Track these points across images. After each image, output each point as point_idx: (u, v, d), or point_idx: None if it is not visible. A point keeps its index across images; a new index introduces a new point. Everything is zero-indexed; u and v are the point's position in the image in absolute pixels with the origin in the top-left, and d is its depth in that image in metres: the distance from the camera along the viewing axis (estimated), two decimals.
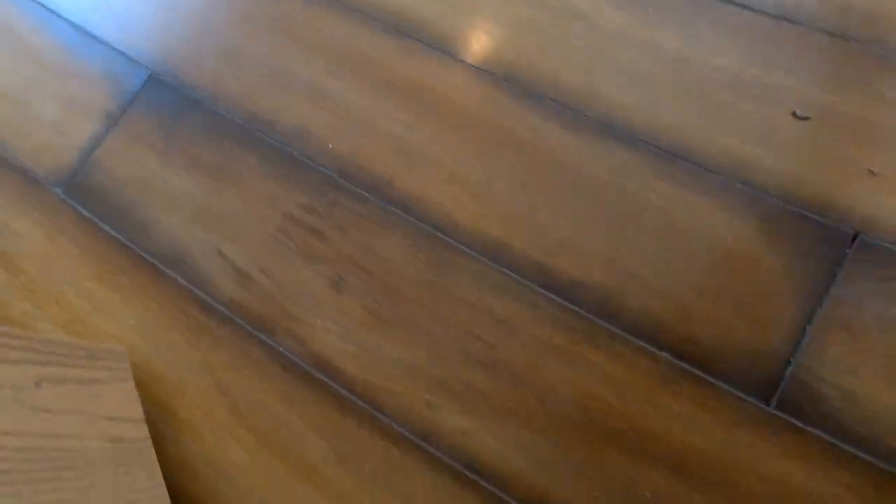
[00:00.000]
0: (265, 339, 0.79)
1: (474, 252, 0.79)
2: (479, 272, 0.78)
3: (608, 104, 0.84)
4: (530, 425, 0.71)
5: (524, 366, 0.73)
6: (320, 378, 0.76)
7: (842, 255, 0.73)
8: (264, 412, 0.76)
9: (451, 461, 0.71)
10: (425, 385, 0.74)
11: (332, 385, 0.76)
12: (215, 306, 0.81)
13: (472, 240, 0.80)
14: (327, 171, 0.86)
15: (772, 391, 0.69)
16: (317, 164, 0.87)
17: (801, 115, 0.80)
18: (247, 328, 0.80)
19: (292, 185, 0.86)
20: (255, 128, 0.90)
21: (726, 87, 0.83)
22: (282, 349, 0.78)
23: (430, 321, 0.77)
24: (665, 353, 0.72)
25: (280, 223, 0.84)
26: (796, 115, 0.81)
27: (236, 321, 0.80)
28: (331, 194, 0.85)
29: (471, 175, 0.83)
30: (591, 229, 0.79)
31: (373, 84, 0.91)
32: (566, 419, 0.71)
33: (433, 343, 0.76)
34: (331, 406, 0.75)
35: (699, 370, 0.71)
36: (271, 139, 0.89)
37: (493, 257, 0.79)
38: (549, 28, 0.90)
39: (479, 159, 0.84)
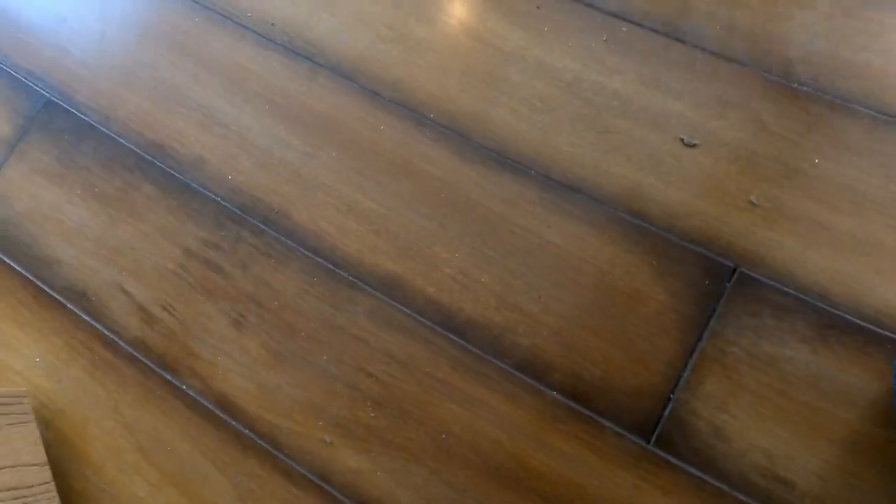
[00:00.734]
0: (169, 378, 0.74)
1: (370, 287, 0.74)
2: (374, 308, 0.73)
3: (502, 130, 0.78)
4: (423, 464, 0.68)
5: (417, 404, 0.70)
6: (223, 417, 0.72)
7: (722, 288, 0.70)
8: (169, 450, 0.72)
9: (346, 499, 0.68)
10: (322, 423, 0.71)
11: (234, 424, 0.72)
12: (119, 343, 0.75)
13: (368, 275, 0.75)
14: (227, 203, 0.79)
15: (652, 428, 0.67)
16: (215, 196, 0.79)
17: (688, 143, 0.75)
18: (151, 366, 0.75)
19: (191, 217, 0.79)
20: (151, 154, 0.82)
21: (619, 113, 0.77)
22: (185, 387, 0.73)
23: (325, 358, 0.72)
24: (555, 392, 0.69)
25: (180, 258, 0.78)
26: (684, 142, 0.75)
27: (140, 359, 0.75)
28: (232, 229, 0.78)
29: (367, 206, 0.77)
30: (484, 264, 0.74)
31: (267, 108, 0.82)
32: (458, 458, 0.68)
33: (329, 380, 0.72)
34: (233, 445, 0.71)
35: (586, 408, 0.68)
36: (167, 167, 0.81)
37: (389, 293, 0.74)
38: (443, 49, 0.81)
39: (376, 189, 0.77)
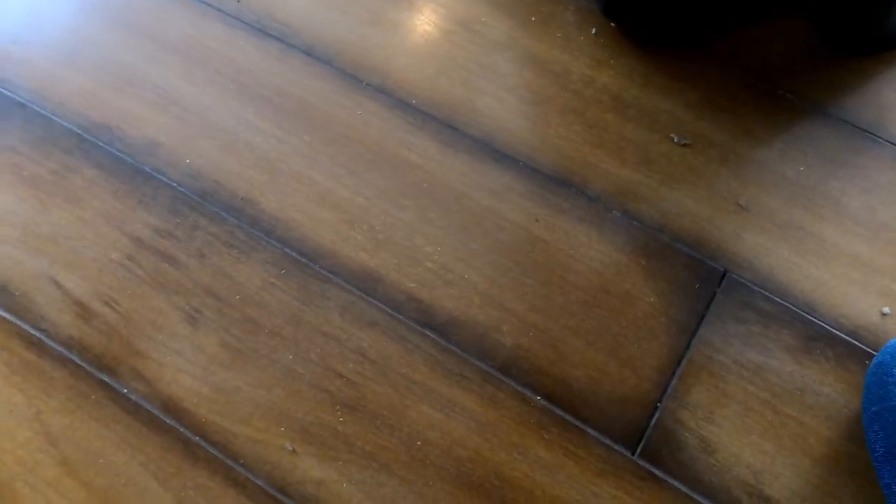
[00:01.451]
0: (107, 380, 0.61)
1: (343, 282, 0.64)
2: (347, 304, 0.63)
3: (490, 121, 0.69)
4: (394, 474, 0.58)
5: (391, 407, 0.60)
6: (169, 423, 0.60)
7: (711, 293, 0.63)
8: (101, 463, 0.59)
9: None
10: (284, 429, 0.60)
11: (182, 430, 0.60)
12: (46, 342, 0.62)
13: (341, 268, 0.64)
14: (184, 189, 0.67)
15: (638, 438, 0.59)
16: (170, 181, 0.67)
17: (679, 142, 0.68)
18: (85, 367, 0.61)
19: (142, 204, 0.66)
20: (95, 136, 0.69)
21: (609, 107, 0.69)
22: (126, 391, 0.61)
23: (291, 357, 0.61)
24: (539, 398, 0.61)
25: (127, 248, 0.65)
26: (675, 141, 0.68)
27: (72, 359, 0.61)
28: (189, 216, 0.66)
29: (342, 195, 0.66)
30: (469, 259, 0.65)
31: (232, 88, 0.71)
32: (433, 467, 0.58)
33: (294, 381, 0.61)
34: (179, 454, 0.59)
35: (570, 416, 0.60)
36: (115, 150, 0.68)
37: (364, 288, 0.63)
38: (427, 35, 0.72)
39: (351, 177, 0.67)
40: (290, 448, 0.59)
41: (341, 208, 0.66)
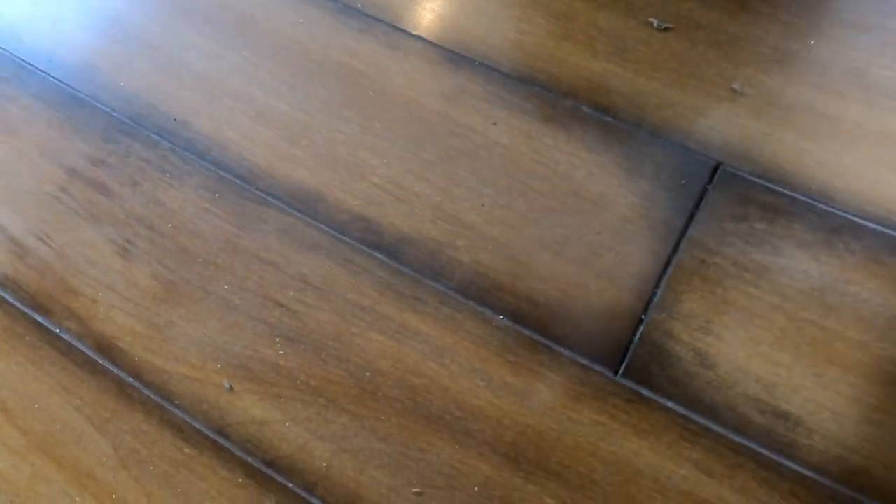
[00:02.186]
0: (41, 320, 0.53)
1: (281, 203, 0.54)
2: (287, 227, 0.53)
3: (440, 20, 0.58)
4: (343, 409, 0.48)
5: (337, 337, 0.50)
6: (103, 364, 0.51)
7: (702, 189, 0.50)
8: (37, 408, 0.51)
9: (248, 456, 0.48)
10: (221, 366, 0.50)
11: (116, 371, 0.51)
12: None
13: (279, 189, 0.54)
14: (118, 114, 0.58)
15: (620, 356, 0.47)
16: (105, 106, 0.59)
17: (659, 26, 0.55)
18: (20, 308, 0.54)
19: (77, 132, 0.58)
20: (28, 62, 0.61)
21: None
22: (59, 331, 0.53)
23: (226, 287, 0.52)
24: (501, 317, 0.49)
25: (62, 179, 0.57)
26: (655, 26, 0.55)
27: (7, 299, 0.54)
28: (122, 142, 0.57)
29: (281, 110, 0.57)
30: (420, 171, 0.54)
31: (171, 6, 0.62)
32: (386, 400, 0.48)
33: (230, 313, 0.51)
34: (114, 397, 0.51)
35: (539, 335, 0.48)
36: (52, 77, 0.61)
37: (305, 209, 0.54)
38: None
39: (292, 92, 0.57)
40: (227, 386, 0.49)
41: (280, 125, 0.56)
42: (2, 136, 0.59)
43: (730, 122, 0.51)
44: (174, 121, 0.57)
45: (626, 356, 0.47)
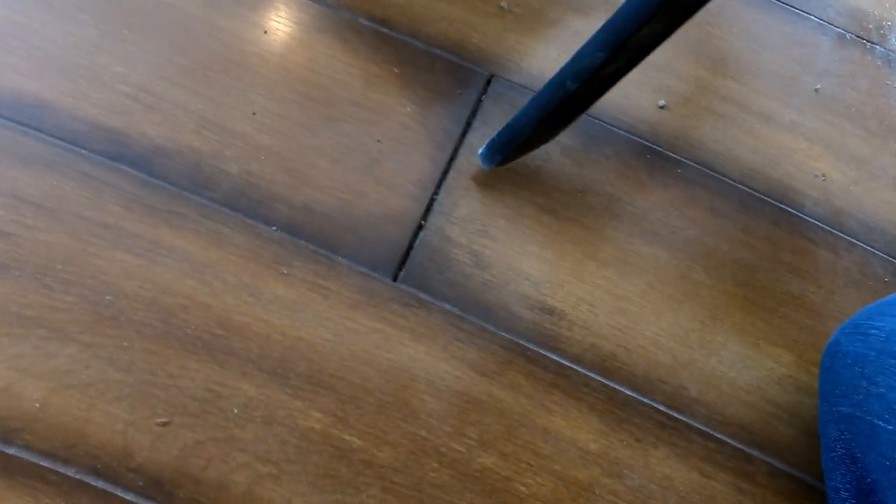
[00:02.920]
0: None
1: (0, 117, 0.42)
2: (5, 143, 0.41)
3: None
4: (71, 339, 0.38)
5: (68, 260, 0.39)
6: None
7: (477, 99, 0.48)
8: None
9: None
10: None
11: None
12: None
13: None
14: None
15: (399, 262, 0.43)
16: None
17: None
18: None
19: None
20: None
21: None
22: None
23: None
24: (275, 228, 0.42)
25: None
26: None
27: None
28: None
29: (0, 15, 0.44)
30: (177, 78, 0.45)
31: None
32: (129, 323, 0.39)
33: None
34: None
35: (316, 245, 0.42)
36: None
37: (26, 120, 0.42)
38: None
39: None
40: None
41: None
42: None
43: (499, 37, 0.49)
44: None
45: (405, 262, 0.43)
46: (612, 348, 0.43)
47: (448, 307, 0.42)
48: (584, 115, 0.48)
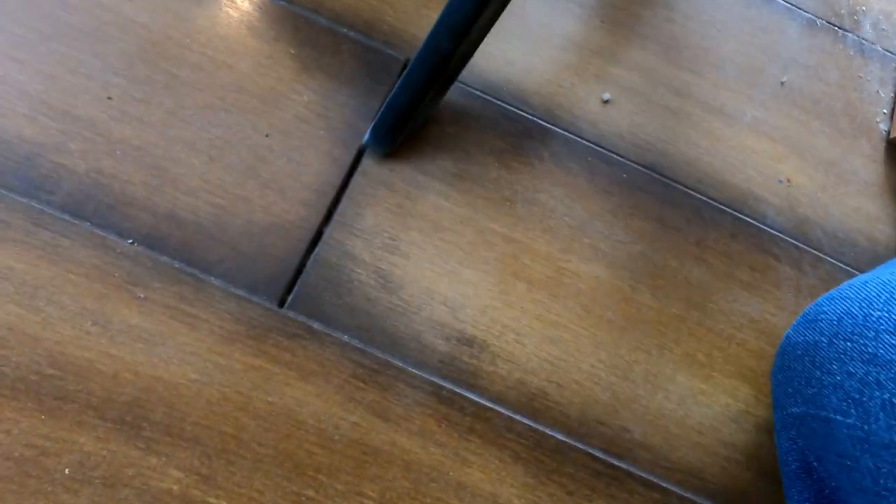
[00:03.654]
0: None
1: None
2: None
3: None
4: None
5: None
6: None
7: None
8: None
9: None
10: None
11: None
12: None
13: None
14: None
15: (288, 284, 0.36)
16: None
17: None
18: None
19: None
20: None
21: None
22: None
23: None
24: (131, 241, 0.35)
25: None
26: None
27: None
28: None
29: None
30: (9, 49, 0.37)
31: None
32: None
33: None
34: None
35: (182, 263, 0.35)
36: None
37: None
38: None
39: None
40: None
41: None
42: None
43: (418, 15, 0.43)
44: None
45: (295, 284, 0.36)
46: (541, 385, 0.37)
47: (346, 338, 0.35)
48: (516, 111, 0.42)
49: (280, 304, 0.35)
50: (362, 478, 0.33)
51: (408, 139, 0.39)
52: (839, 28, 0.49)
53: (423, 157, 0.40)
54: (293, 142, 0.38)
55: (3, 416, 0.30)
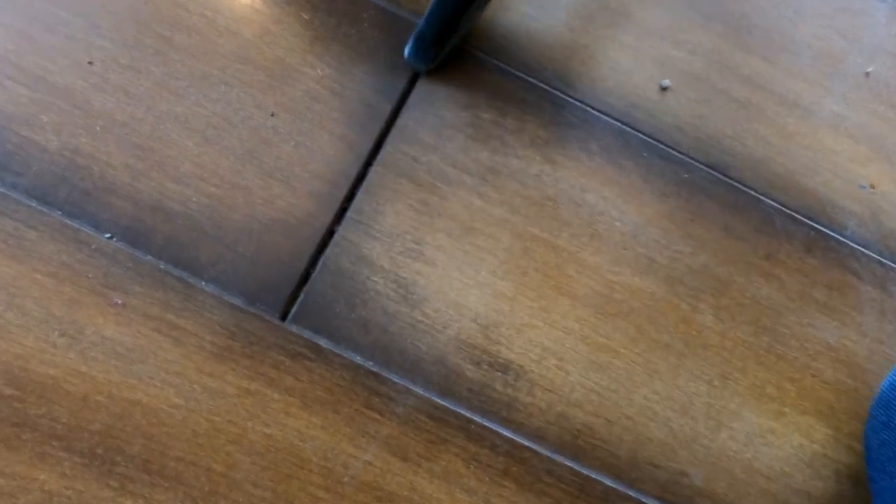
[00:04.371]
0: None
1: None
2: None
3: None
4: None
5: None
6: None
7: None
8: None
9: None
10: None
11: None
12: None
13: None
14: None
15: (292, 293, 0.31)
16: None
17: None
18: None
19: None
20: None
21: None
22: None
23: None
24: (109, 236, 0.30)
25: None
26: None
27: None
28: None
29: None
30: None
31: None
32: None
33: None
34: None
35: (168, 263, 0.30)
36: None
37: None
38: None
39: None
40: None
41: None
42: None
43: None
44: None
45: (300, 292, 0.31)
46: (587, 420, 0.32)
47: (359, 360, 0.30)
48: (562, 96, 0.37)
49: (282, 317, 0.30)
50: None
51: (435, 125, 0.34)
52: None
53: (453, 147, 0.34)
54: (303, 123, 0.33)
55: None
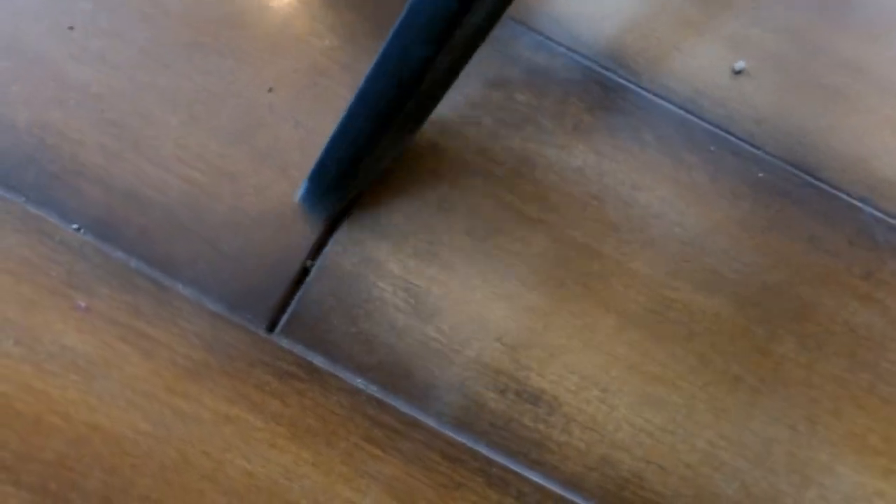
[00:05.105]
0: None
1: None
2: None
3: None
4: None
5: None
6: None
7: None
8: None
9: None
10: None
11: None
12: None
13: None
14: None
15: (282, 300, 0.27)
16: None
17: None
18: None
19: None
20: None
21: None
22: None
23: None
24: (75, 227, 0.26)
25: None
26: None
27: None
28: None
29: None
30: None
31: None
32: None
33: None
34: None
35: (140, 260, 0.26)
36: None
37: None
38: None
39: None
40: None
41: None
42: None
43: None
44: None
45: (292, 299, 0.26)
46: (635, 466, 0.26)
47: (360, 383, 0.26)
48: (612, 76, 0.32)
49: (269, 328, 0.26)
50: None
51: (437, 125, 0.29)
52: None
53: (480, 132, 0.29)
54: (304, 101, 0.29)
55: None
